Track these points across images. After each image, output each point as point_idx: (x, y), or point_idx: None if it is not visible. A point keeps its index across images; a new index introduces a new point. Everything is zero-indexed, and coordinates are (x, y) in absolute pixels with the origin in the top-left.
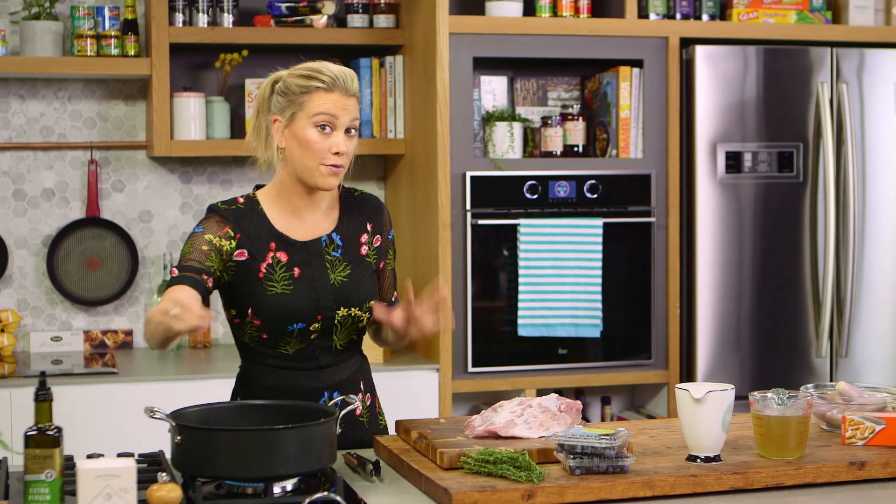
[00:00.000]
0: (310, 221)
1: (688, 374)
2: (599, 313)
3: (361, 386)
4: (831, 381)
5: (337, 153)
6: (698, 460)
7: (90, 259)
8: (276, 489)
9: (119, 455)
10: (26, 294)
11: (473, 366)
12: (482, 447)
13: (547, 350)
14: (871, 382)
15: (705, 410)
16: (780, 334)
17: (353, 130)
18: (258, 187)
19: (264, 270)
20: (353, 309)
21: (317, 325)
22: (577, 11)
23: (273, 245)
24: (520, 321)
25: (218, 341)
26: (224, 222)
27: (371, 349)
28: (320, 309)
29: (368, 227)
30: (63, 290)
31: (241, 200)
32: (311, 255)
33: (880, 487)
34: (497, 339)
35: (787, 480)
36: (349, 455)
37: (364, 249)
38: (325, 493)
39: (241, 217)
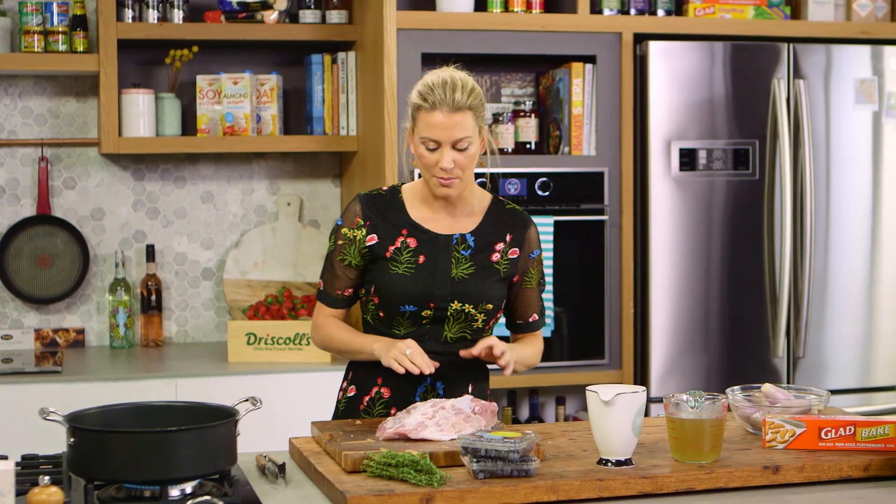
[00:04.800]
0: (449, 220)
1: (642, 375)
2: (551, 313)
3: (470, 389)
4: (788, 381)
5: (443, 168)
6: (609, 464)
7: (41, 257)
8: (174, 492)
9: (23, 457)
10: None
11: None
12: (387, 450)
13: None
14: (828, 384)
15: (615, 413)
16: (737, 334)
17: (465, 144)
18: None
19: (392, 251)
20: (467, 305)
21: (429, 311)
22: (529, 7)
23: (405, 231)
24: None
25: (171, 339)
26: (357, 211)
27: (317, 350)
28: (434, 297)
29: (507, 238)
30: (13, 289)
31: (384, 189)
32: (439, 248)
33: (795, 492)
34: None
35: (698, 485)
36: (260, 456)
37: (496, 256)
38: (208, 497)
39: (378, 202)
